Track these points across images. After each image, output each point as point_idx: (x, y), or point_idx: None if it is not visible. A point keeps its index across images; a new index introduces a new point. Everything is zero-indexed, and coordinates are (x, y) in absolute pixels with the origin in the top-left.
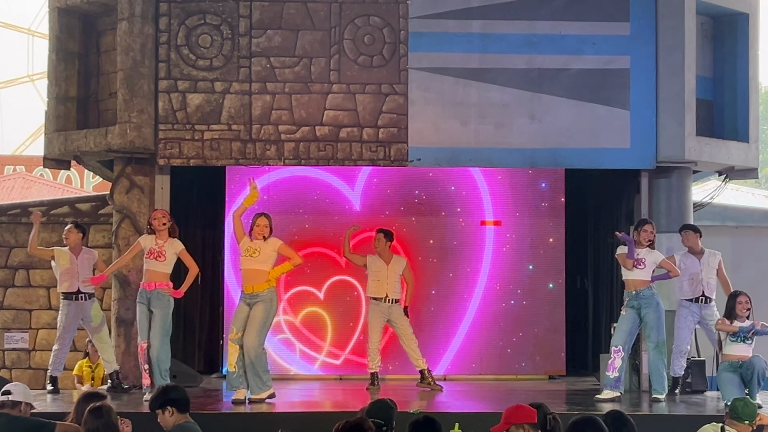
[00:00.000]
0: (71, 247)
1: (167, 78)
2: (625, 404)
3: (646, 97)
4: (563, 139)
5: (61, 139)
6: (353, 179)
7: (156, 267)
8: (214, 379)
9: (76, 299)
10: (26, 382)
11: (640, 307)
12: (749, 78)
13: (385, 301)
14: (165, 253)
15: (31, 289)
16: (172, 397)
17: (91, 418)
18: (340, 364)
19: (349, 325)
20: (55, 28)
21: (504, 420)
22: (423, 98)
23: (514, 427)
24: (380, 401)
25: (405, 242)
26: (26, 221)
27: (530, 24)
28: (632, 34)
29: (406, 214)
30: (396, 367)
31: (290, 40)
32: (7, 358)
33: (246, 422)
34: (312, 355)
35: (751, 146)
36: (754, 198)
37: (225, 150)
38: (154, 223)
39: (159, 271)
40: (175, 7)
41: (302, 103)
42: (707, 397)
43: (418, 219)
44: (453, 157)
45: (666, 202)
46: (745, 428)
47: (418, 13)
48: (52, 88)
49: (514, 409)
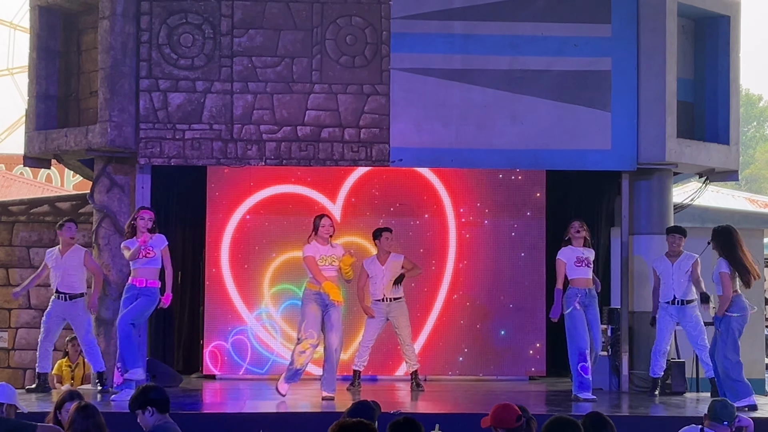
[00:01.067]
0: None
1: (148, 77)
2: (604, 405)
3: (628, 98)
4: (545, 141)
5: (42, 137)
6: (334, 192)
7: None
8: (194, 379)
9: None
10: (5, 381)
11: (589, 305)
12: (730, 80)
13: (383, 300)
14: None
15: (10, 287)
16: (152, 397)
17: (80, 418)
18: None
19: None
20: (35, 26)
21: (490, 415)
22: (405, 99)
23: (493, 428)
24: (362, 402)
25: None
26: (5, 219)
27: (512, 25)
28: (614, 36)
29: (388, 217)
30: (377, 368)
31: (272, 39)
32: None
33: (226, 423)
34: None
35: (731, 148)
36: (734, 200)
37: (206, 149)
38: (140, 223)
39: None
40: (157, 6)
41: (284, 102)
42: (687, 398)
43: (399, 221)
44: (435, 157)
45: (647, 204)
46: (724, 430)
47: (400, 14)
48: (33, 86)
49: (500, 408)
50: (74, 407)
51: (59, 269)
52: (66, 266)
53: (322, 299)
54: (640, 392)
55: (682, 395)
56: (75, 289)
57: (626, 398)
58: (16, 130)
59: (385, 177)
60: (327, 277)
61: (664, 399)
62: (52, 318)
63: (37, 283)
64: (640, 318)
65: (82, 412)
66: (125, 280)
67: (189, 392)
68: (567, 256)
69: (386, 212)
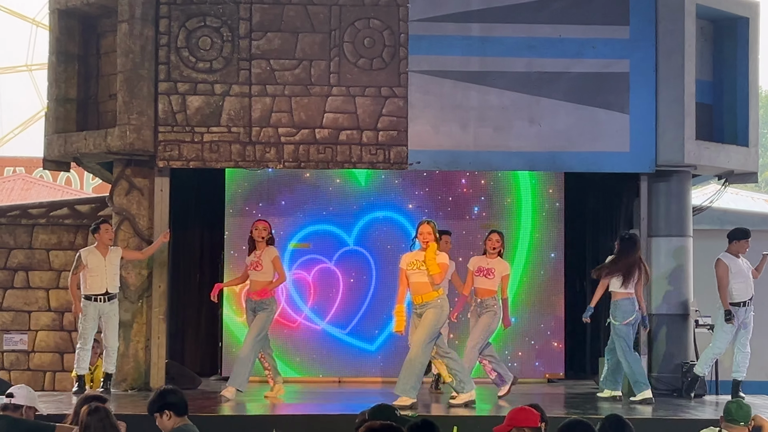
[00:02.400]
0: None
1: (167, 80)
2: (624, 408)
3: (646, 100)
4: (563, 143)
5: (61, 140)
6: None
7: (256, 277)
8: (213, 381)
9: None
10: (25, 383)
11: (481, 314)
12: (749, 82)
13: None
14: (262, 262)
15: (30, 290)
16: (170, 401)
17: (92, 420)
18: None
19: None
20: (55, 30)
21: (507, 421)
22: (422, 101)
23: (516, 429)
24: (382, 405)
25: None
26: (25, 222)
27: (530, 27)
28: (632, 37)
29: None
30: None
31: (290, 42)
32: (6, 360)
33: (244, 424)
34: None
35: (750, 150)
36: (753, 202)
37: (224, 152)
38: (255, 233)
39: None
40: (176, 10)
41: (302, 105)
42: (705, 401)
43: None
44: (452, 160)
45: (665, 206)
46: (741, 430)
47: (418, 16)
48: (52, 89)
49: (518, 411)
50: (84, 410)
51: (102, 271)
52: (111, 267)
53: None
54: (659, 395)
55: (701, 398)
56: (116, 288)
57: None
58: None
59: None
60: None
61: (683, 402)
62: (93, 321)
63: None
64: (659, 321)
65: (95, 415)
66: (144, 283)
67: (207, 394)
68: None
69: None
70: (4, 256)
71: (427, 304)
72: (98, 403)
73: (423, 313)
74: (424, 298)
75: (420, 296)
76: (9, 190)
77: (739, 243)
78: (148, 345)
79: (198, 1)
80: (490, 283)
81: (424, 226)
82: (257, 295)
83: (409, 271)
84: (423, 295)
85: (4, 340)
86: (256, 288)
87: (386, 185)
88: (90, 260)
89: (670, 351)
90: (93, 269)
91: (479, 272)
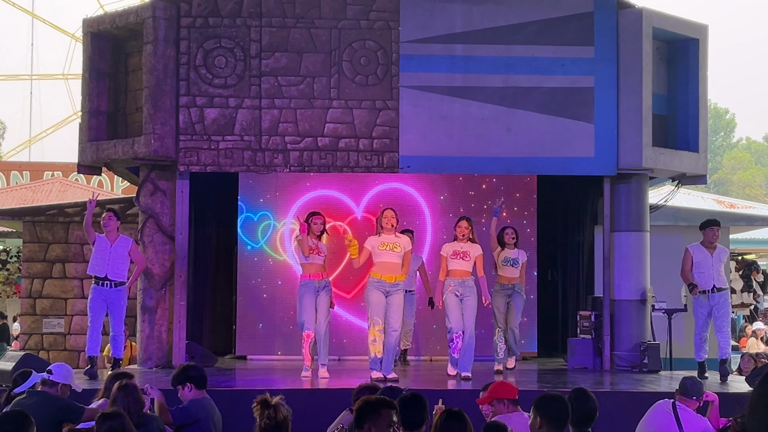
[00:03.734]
0: (108, 233)
1: (187, 94)
2: (588, 382)
3: (609, 112)
4: (536, 149)
5: (93, 148)
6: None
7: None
8: (228, 359)
9: (102, 285)
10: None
11: (464, 294)
12: (699, 95)
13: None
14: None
15: (66, 280)
16: (192, 375)
17: (121, 396)
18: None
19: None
20: (88, 50)
21: (489, 393)
22: (412, 113)
23: (497, 401)
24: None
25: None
26: (62, 220)
27: (507, 48)
28: (596, 56)
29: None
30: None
31: (295, 61)
32: (45, 341)
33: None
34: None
35: (700, 156)
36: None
37: (238, 158)
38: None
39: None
40: (194, 32)
41: (306, 116)
42: (661, 376)
43: (413, 222)
44: (439, 164)
45: (626, 205)
46: (693, 404)
47: (408, 38)
48: (86, 103)
49: (499, 384)
50: (116, 386)
51: (107, 257)
52: (116, 254)
53: (382, 285)
54: (620, 371)
55: (657, 373)
56: (122, 276)
57: (608, 376)
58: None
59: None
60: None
61: (641, 376)
62: (100, 304)
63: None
64: (620, 305)
65: (124, 390)
66: (167, 273)
67: (223, 371)
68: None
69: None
70: (44, 249)
71: (399, 284)
72: (127, 380)
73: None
74: (397, 278)
75: (393, 276)
76: (48, 191)
77: (704, 232)
78: (171, 328)
79: (214, 24)
80: (467, 265)
81: (389, 211)
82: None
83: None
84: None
85: (44, 323)
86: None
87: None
88: (99, 241)
89: (630, 332)
90: (98, 252)
91: (455, 255)
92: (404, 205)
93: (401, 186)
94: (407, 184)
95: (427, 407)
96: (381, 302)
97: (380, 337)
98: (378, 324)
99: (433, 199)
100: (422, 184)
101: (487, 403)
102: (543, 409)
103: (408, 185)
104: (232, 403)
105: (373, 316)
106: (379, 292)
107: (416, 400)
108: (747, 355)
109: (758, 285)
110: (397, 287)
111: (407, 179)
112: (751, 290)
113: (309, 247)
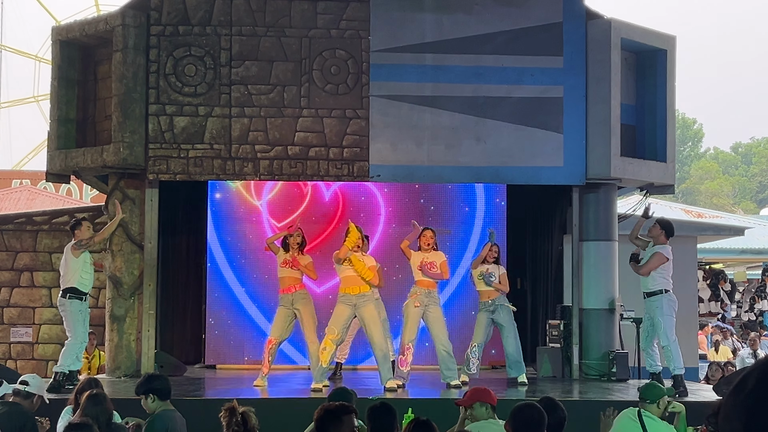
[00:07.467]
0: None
1: (156, 103)
2: (557, 391)
3: (577, 122)
4: (505, 159)
5: (62, 156)
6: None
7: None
8: (197, 368)
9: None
10: (30, 371)
11: (428, 304)
12: (667, 105)
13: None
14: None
15: (34, 289)
16: (154, 386)
17: (90, 405)
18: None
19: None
20: (57, 58)
21: (469, 396)
22: (382, 122)
23: (479, 404)
24: (341, 389)
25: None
26: (30, 228)
27: (476, 57)
28: (565, 67)
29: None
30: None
31: (265, 70)
32: (13, 350)
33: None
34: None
35: (668, 165)
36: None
37: (207, 166)
38: (290, 240)
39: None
40: (164, 40)
41: (276, 125)
42: (630, 384)
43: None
44: (408, 173)
45: (594, 214)
46: (656, 410)
47: (378, 47)
48: (54, 111)
49: (481, 390)
50: (85, 395)
51: (62, 265)
52: (65, 263)
53: (349, 300)
54: (588, 379)
55: (625, 382)
56: (68, 284)
57: (577, 385)
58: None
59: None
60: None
61: (609, 385)
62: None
63: None
64: (589, 314)
65: (93, 399)
66: (136, 282)
67: (192, 380)
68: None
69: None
70: (12, 258)
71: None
72: (98, 389)
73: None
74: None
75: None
76: (16, 200)
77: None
78: (139, 337)
79: (184, 33)
80: (434, 275)
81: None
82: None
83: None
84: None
85: (11, 333)
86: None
87: (354, 196)
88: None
89: (599, 341)
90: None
91: (422, 266)
92: (363, 209)
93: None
94: (364, 188)
95: (396, 417)
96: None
97: (332, 347)
98: (333, 333)
99: (391, 204)
100: (382, 190)
101: (467, 405)
102: (517, 417)
103: (366, 191)
104: (201, 412)
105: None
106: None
107: (386, 410)
108: (714, 363)
109: (725, 294)
110: (364, 298)
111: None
112: (719, 299)
113: (285, 259)
